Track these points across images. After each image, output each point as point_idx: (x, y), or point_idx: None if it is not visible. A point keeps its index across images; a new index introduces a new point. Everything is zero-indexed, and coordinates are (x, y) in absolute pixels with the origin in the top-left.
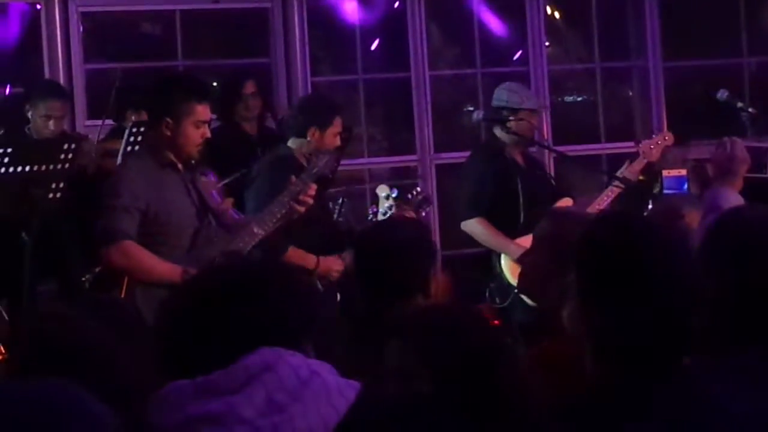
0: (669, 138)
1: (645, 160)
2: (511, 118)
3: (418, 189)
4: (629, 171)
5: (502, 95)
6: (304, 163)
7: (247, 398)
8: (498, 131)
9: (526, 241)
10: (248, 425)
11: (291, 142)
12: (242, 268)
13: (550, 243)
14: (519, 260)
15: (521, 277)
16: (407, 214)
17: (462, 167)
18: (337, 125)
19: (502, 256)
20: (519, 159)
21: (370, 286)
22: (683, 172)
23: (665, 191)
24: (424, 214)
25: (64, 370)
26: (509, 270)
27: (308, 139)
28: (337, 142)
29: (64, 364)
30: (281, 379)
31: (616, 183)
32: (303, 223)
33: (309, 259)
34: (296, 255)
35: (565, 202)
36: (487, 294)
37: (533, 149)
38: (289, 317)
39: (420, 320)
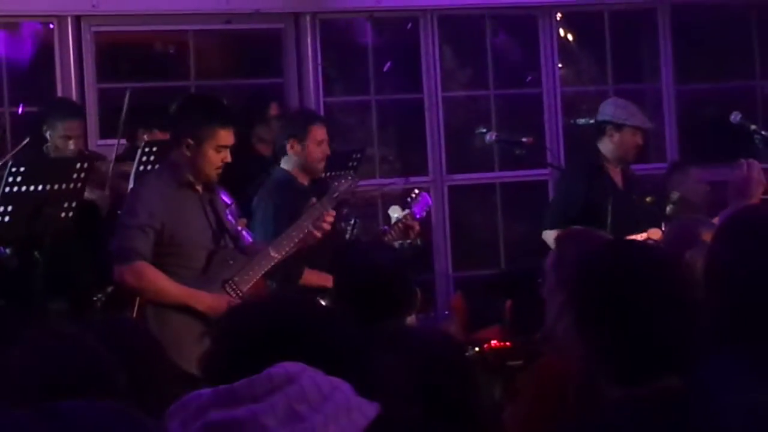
0: None
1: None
2: (609, 133)
3: (416, 191)
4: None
5: (608, 110)
6: (302, 180)
7: (269, 407)
8: (601, 145)
9: None
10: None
11: (282, 162)
12: (293, 312)
13: (554, 264)
14: None
15: None
16: (410, 224)
17: (558, 177)
18: (316, 133)
19: None
20: (617, 178)
21: (356, 308)
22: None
23: None
24: (425, 214)
25: (68, 391)
26: None
27: (289, 153)
28: (325, 151)
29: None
30: (303, 391)
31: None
32: (316, 244)
33: (328, 279)
34: (313, 276)
35: (654, 233)
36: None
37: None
38: (327, 362)
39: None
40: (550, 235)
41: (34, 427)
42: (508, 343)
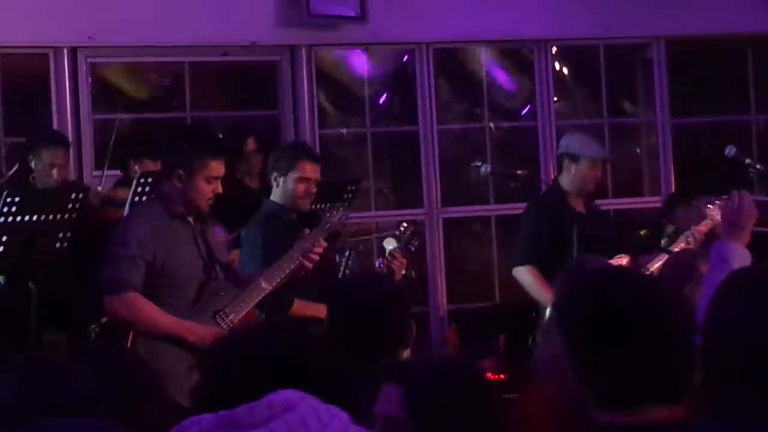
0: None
1: (710, 223)
2: (566, 165)
3: (405, 224)
4: (694, 231)
5: (563, 142)
6: (290, 212)
7: None
8: (561, 178)
9: None
10: None
11: (272, 194)
12: (284, 342)
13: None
14: None
15: None
16: (399, 260)
17: (523, 212)
18: (302, 169)
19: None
20: (581, 208)
21: (349, 344)
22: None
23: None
24: (413, 249)
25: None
26: None
27: (275, 186)
28: (310, 189)
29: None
30: (303, 418)
31: (662, 253)
32: (308, 274)
33: (319, 309)
34: (304, 306)
35: (620, 259)
36: (529, 342)
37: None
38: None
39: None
40: (521, 272)
41: None
42: (502, 376)
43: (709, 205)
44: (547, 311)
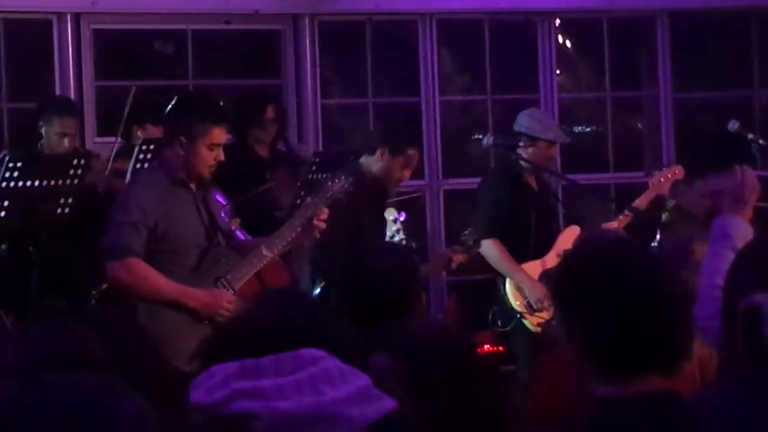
0: (679, 172)
1: (654, 193)
2: (523, 144)
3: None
4: (639, 202)
5: (523, 121)
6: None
7: (293, 381)
8: (524, 155)
9: (533, 266)
10: (294, 401)
11: (363, 158)
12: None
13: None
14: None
15: None
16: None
17: (480, 186)
18: (410, 158)
19: (508, 280)
20: (533, 184)
21: (358, 311)
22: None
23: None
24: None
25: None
26: (512, 295)
27: (376, 157)
28: (406, 176)
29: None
30: (328, 373)
31: (626, 212)
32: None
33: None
34: None
35: (572, 230)
36: (489, 317)
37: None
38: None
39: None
40: (485, 246)
41: (19, 396)
42: (501, 348)
43: (651, 174)
44: (508, 284)
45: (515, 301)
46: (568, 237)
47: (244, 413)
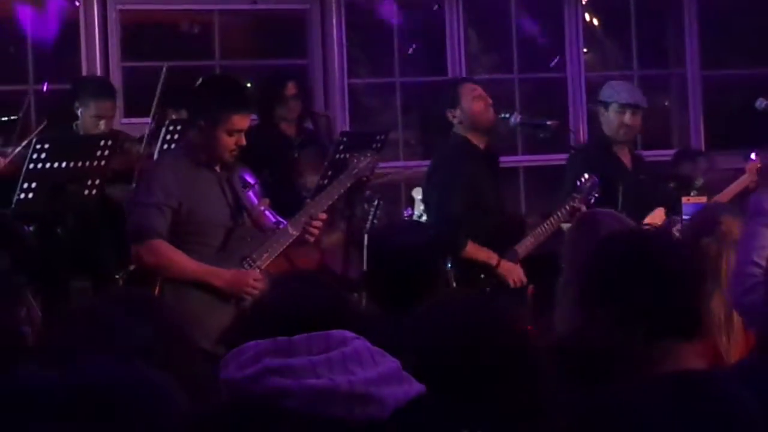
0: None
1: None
2: (602, 114)
3: (586, 176)
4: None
5: (601, 91)
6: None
7: (324, 359)
8: (604, 127)
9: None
10: (326, 379)
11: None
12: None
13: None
14: None
15: None
16: (577, 206)
17: (570, 156)
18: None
19: None
20: (626, 159)
21: (385, 292)
22: (703, 199)
23: (684, 217)
24: (593, 200)
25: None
26: None
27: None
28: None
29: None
30: (358, 353)
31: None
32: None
33: (491, 255)
34: (476, 250)
35: (658, 213)
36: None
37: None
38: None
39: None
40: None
41: (58, 384)
42: (530, 327)
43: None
44: None
45: None
46: (655, 218)
47: (276, 390)
